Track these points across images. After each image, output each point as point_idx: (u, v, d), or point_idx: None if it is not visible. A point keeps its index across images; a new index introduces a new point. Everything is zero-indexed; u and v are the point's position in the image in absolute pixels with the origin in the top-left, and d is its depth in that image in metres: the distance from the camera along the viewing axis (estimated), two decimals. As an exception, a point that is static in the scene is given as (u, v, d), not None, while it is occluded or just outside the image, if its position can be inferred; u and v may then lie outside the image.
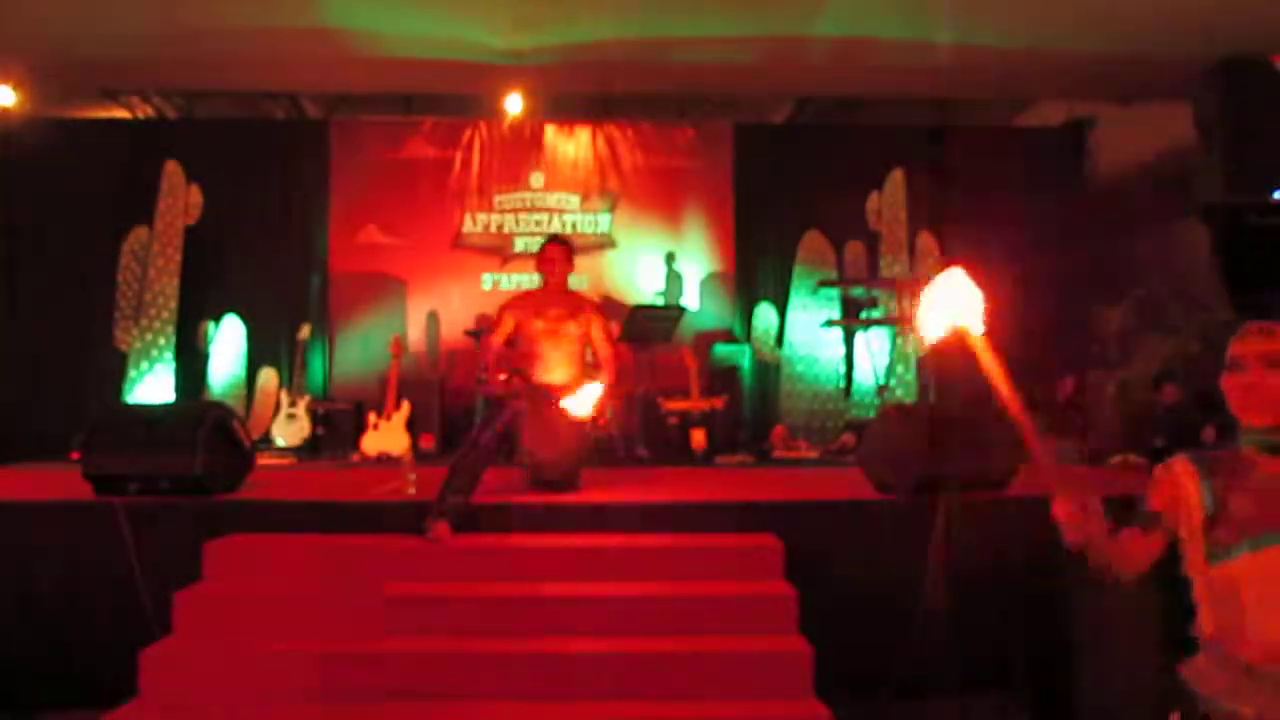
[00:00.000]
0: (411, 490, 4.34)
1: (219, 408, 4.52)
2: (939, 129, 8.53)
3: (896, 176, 8.13)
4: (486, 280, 8.53)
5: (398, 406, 6.78)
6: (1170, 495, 1.77)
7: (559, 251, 4.77)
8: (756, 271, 8.56)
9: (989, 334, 1.65)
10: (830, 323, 7.94)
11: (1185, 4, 6.30)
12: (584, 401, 4.28)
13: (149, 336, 7.60)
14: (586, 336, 4.84)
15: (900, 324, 7.85)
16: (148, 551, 3.77)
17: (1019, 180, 8.45)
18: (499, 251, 8.53)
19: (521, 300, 4.89)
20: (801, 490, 4.59)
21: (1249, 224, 6.46)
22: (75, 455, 5.34)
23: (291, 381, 7.91)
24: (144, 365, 7.57)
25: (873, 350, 7.96)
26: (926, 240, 8.10)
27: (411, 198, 8.49)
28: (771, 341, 8.37)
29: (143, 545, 3.78)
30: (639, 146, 8.64)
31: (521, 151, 8.58)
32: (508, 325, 4.81)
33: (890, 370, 8.01)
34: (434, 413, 7.21)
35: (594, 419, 4.66)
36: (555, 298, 4.78)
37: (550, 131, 8.63)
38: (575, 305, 4.83)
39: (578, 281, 8.38)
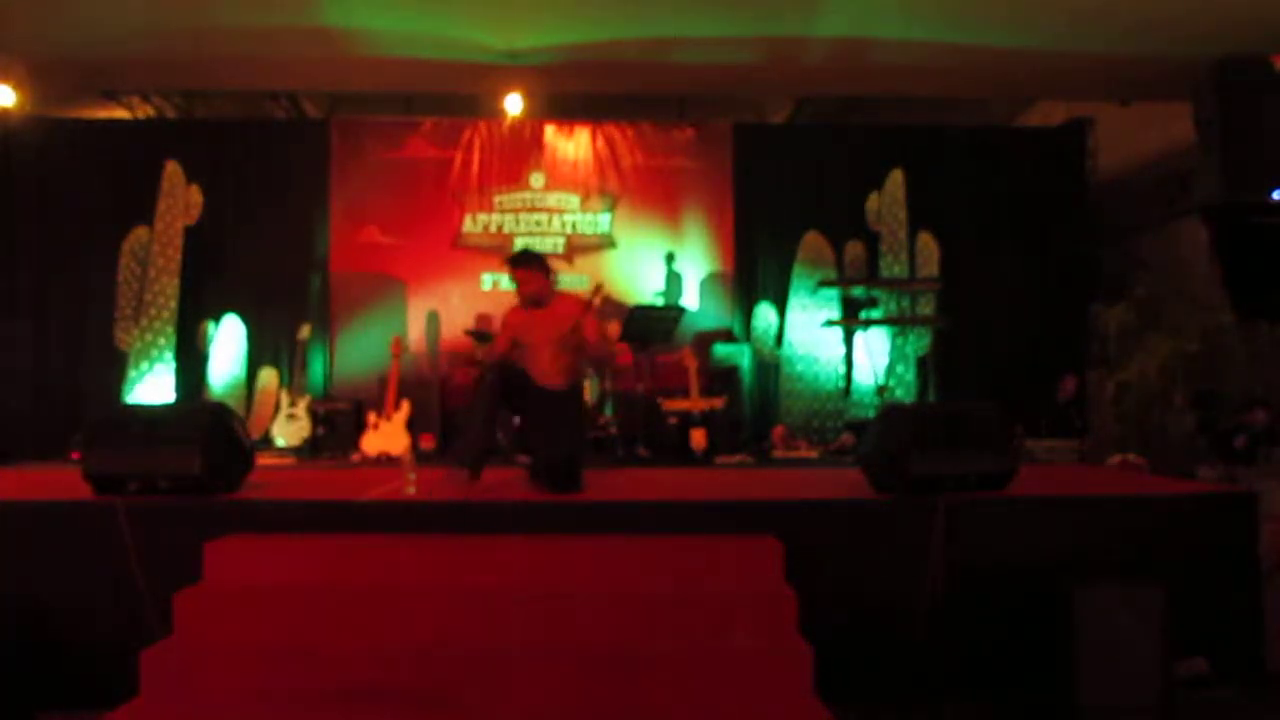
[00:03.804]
0: (411, 490, 4.33)
1: (219, 408, 4.51)
2: (939, 129, 8.54)
3: (896, 176, 8.13)
4: (486, 280, 8.52)
5: (398, 406, 6.78)
6: None
7: (521, 274, 4.73)
8: (756, 271, 8.55)
9: None
10: (830, 323, 7.94)
11: (1185, 4, 6.30)
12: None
13: (149, 336, 7.60)
14: (578, 336, 4.77)
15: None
16: (148, 551, 3.77)
17: (1019, 180, 8.46)
18: (499, 251, 8.51)
19: (514, 312, 4.88)
20: (801, 490, 4.59)
21: (1249, 224, 6.46)
22: (75, 455, 5.34)
23: (291, 381, 7.91)
24: (144, 365, 7.58)
25: (872, 350, 7.97)
26: (926, 240, 8.10)
27: (411, 198, 8.49)
28: (771, 341, 8.36)
29: (143, 545, 3.77)
30: (639, 146, 8.64)
31: (521, 151, 8.58)
32: (508, 337, 4.82)
33: (890, 370, 8.02)
34: (434, 413, 7.22)
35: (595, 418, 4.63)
36: (538, 307, 4.73)
37: (550, 131, 8.63)
38: (559, 311, 4.72)
39: (577, 281, 8.40)
